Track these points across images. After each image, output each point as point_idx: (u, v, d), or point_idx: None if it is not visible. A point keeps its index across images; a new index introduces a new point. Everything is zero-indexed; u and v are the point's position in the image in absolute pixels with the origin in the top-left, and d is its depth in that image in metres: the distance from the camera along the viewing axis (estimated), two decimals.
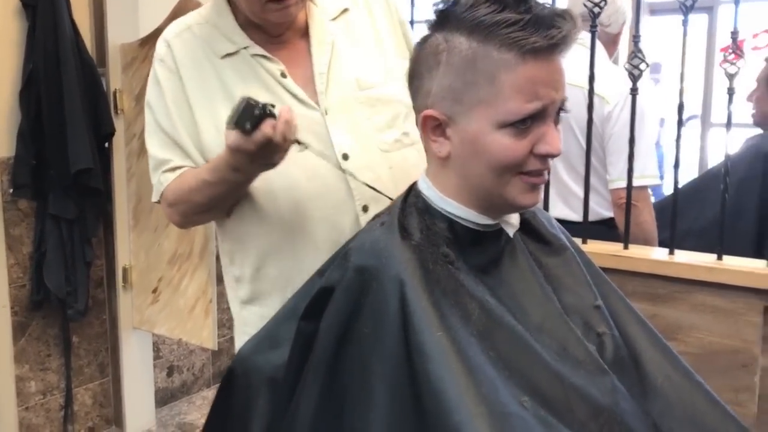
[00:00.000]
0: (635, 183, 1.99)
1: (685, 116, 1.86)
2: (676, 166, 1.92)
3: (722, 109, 1.86)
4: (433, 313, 0.86)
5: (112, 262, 2.82)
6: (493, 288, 0.96)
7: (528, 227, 1.07)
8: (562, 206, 2.15)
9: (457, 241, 0.97)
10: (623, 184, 2.06)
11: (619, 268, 1.85)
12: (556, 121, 0.94)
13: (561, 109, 0.93)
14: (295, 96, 1.23)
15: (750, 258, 1.89)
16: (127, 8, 2.74)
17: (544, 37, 0.87)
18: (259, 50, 1.25)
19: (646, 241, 2.05)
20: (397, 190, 1.11)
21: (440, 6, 0.94)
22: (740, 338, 1.72)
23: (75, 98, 2.47)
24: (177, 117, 1.26)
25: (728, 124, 1.83)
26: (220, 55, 1.26)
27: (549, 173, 0.99)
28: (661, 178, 2.96)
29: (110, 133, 2.67)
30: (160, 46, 1.30)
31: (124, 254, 2.81)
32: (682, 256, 1.83)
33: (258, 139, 1.03)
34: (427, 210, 0.99)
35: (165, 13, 2.61)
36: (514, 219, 1.03)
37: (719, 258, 1.77)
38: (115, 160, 2.75)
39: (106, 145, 2.73)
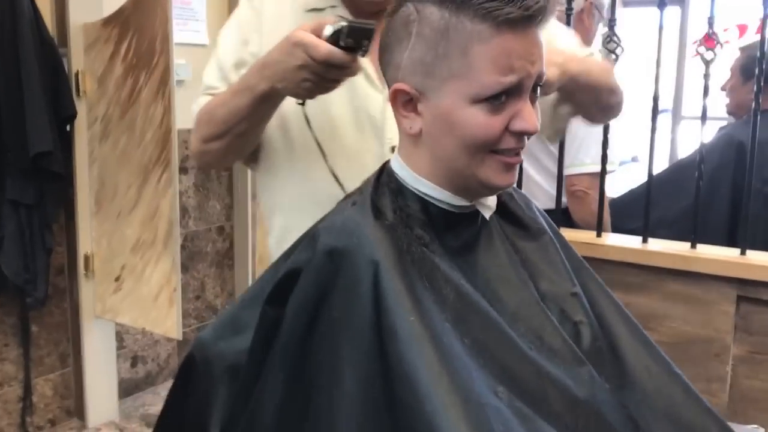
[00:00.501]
0: (589, 170, 1.97)
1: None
2: (651, 154, 1.90)
3: (693, 102, 1.85)
4: (407, 296, 0.82)
5: (74, 249, 2.73)
6: (468, 273, 0.91)
7: (505, 209, 1.03)
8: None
9: (431, 223, 0.92)
10: (575, 170, 2.03)
11: (592, 256, 1.82)
12: (533, 98, 0.89)
13: (539, 84, 0.89)
14: (364, 72, 1.17)
15: (723, 246, 1.88)
16: None
17: (520, 7, 0.82)
18: (345, 14, 1.19)
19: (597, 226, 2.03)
20: None
21: None
22: (713, 328, 1.71)
23: (34, 79, 2.38)
24: (237, 61, 1.24)
25: (703, 115, 1.81)
26: (307, 8, 1.22)
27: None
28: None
29: (72, 115, 2.58)
30: None
31: (85, 241, 2.72)
32: (656, 245, 1.81)
33: (338, 56, 0.97)
34: (400, 190, 0.94)
35: None
36: (491, 201, 0.99)
37: (693, 246, 1.76)
38: (77, 143, 2.66)
39: (68, 128, 2.64)
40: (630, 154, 7.01)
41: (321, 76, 1.01)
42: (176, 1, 2.98)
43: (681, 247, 1.78)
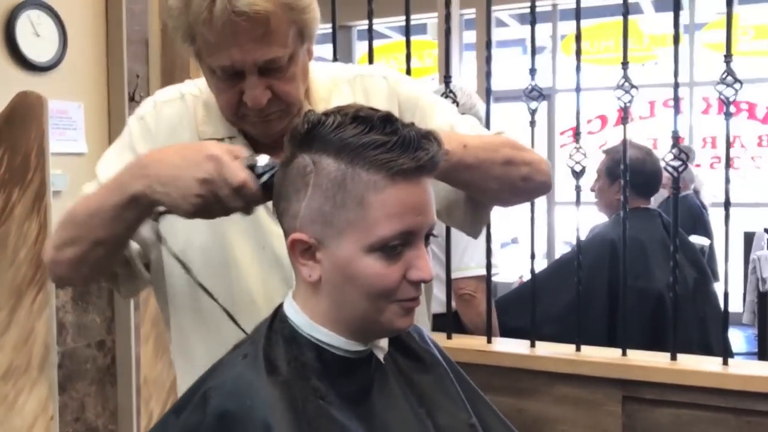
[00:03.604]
0: (474, 273, 2.05)
1: None
2: (532, 256, 1.97)
3: (565, 188, 1.97)
4: None
5: None
6: (366, 419, 0.91)
7: (399, 343, 1.04)
8: None
9: (327, 371, 0.91)
10: (462, 274, 2.11)
11: (484, 363, 1.86)
12: (426, 245, 0.92)
13: (431, 233, 0.92)
14: (267, 208, 1.08)
15: (603, 344, 1.97)
16: None
17: (412, 158, 0.86)
18: (244, 144, 1.13)
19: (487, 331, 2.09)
20: None
21: (305, 126, 0.91)
22: (602, 429, 1.76)
23: None
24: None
25: (577, 202, 1.91)
26: (203, 137, 1.14)
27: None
28: None
29: None
30: (147, 105, 1.21)
31: None
32: (543, 349, 1.87)
33: (252, 191, 0.95)
34: (293, 338, 0.93)
35: (1, 105, 2.44)
36: (383, 341, 0.99)
37: (578, 349, 1.83)
38: None
39: None
40: (510, 236, 7.32)
41: (219, 201, 0.95)
42: (52, 110, 2.89)
43: (567, 350, 1.84)
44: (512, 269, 5.10)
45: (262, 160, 0.97)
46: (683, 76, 5.86)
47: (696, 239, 3.92)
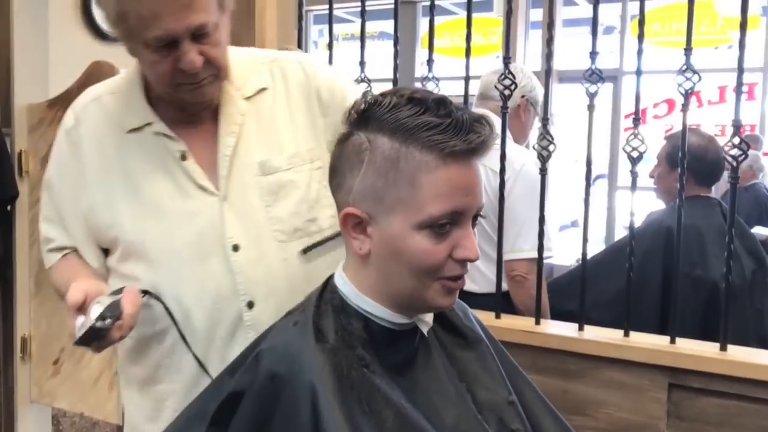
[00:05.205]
0: (527, 255, 2.06)
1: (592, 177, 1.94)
2: (584, 240, 1.97)
3: (627, 172, 1.96)
4: (345, 423, 0.85)
5: (11, 332, 2.67)
6: (408, 390, 0.95)
7: (443, 319, 1.08)
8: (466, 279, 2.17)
9: (373, 341, 0.96)
10: (515, 255, 2.12)
11: (531, 344, 1.88)
12: (474, 225, 0.96)
13: (479, 214, 0.96)
14: (192, 180, 1.19)
15: (654, 332, 1.96)
16: (37, 68, 2.66)
17: (464, 141, 0.90)
18: (162, 128, 1.20)
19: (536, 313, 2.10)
20: (290, 281, 1.16)
21: (362, 106, 0.95)
22: (647, 414, 1.76)
23: None
24: (68, 196, 1.25)
25: (633, 188, 1.91)
26: (126, 130, 1.22)
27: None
28: None
29: (13, 196, 2.56)
30: (69, 117, 1.27)
31: (23, 323, 2.66)
32: (591, 333, 1.87)
33: (102, 348, 1.12)
34: (342, 308, 0.98)
35: (76, 74, 2.55)
36: (428, 317, 1.04)
37: (626, 335, 1.83)
38: (18, 223, 2.63)
39: (9, 208, 2.61)
40: (569, 219, 7.25)
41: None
42: None
43: (615, 336, 1.84)
44: (570, 252, 5.06)
45: (95, 312, 1.06)
46: (757, 60, 5.66)
47: (762, 230, 3.82)
